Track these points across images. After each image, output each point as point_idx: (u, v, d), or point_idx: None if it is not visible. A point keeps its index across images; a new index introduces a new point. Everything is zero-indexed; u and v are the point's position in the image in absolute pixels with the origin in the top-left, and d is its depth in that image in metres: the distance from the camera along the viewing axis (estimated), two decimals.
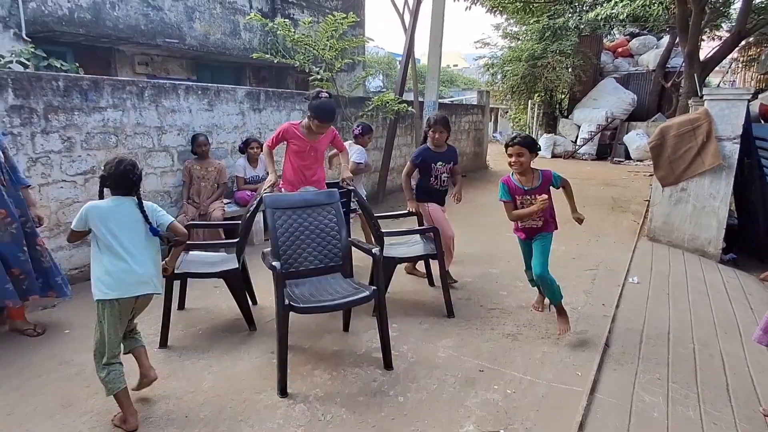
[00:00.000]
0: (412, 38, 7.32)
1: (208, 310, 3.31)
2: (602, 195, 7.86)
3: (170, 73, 9.53)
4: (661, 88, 13.70)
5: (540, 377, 2.49)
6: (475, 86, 21.58)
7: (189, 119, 4.46)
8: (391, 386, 2.39)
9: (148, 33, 8.33)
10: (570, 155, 13.64)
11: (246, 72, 11.09)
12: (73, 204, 3.67)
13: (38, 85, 3.39)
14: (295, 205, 2.80)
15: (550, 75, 13.18)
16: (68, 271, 3.65)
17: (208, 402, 2.25)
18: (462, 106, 11.33)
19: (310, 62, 5.85)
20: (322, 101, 3.28)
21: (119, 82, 3.96)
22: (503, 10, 13.37)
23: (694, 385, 2.46)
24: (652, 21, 12.17)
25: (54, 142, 3.51)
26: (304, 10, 11.27)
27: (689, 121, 4.84)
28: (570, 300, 3.52)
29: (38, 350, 2.71)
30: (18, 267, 2.66)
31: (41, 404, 2.21)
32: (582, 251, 4.75)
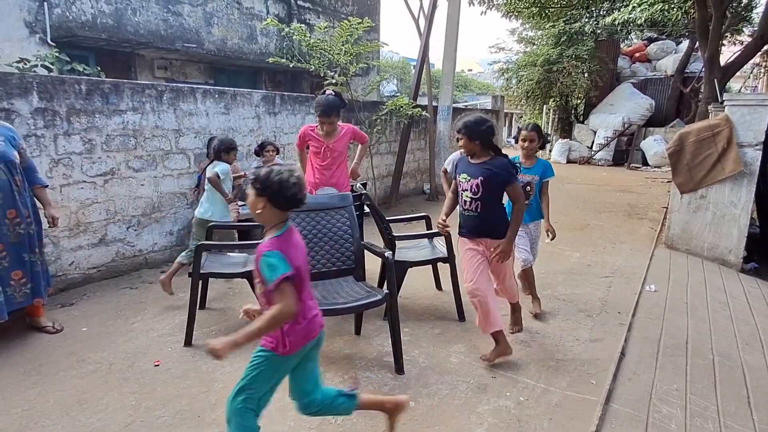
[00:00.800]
0: (427, 43, 7.33)
1: (222, 311, 3.34)
2: (618, 201, 7.74)
3: (188, 77, 9.71)
4: (680, 94, 13.48)
5: (553, 385, 2.45)
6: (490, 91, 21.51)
7: (206, 122, 4.53)
8: (403, 391, 2.37)
9: (167, 38, 8.50)
10: (585, 161, 13.47)
11: (262, 76, 11.23)
12: (92, 204, 3.75)
13: (61, 89, 3.49)
14: (309, 207, 2.82)
15: (565, 80, 13.05)
16: (86, 270, 3.73)
17: (220, 403, 2.26)
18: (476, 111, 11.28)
19: (325, 66, 5.90)
20: (322, 97, 3.37)
21: (139, 85, 4.04)
22: (519, 15, 13.34)
23: (714, 398, 2.40)
24: (670, 25, 11.99)
25: (75, 143, 3.60)
26: (320, 15, 11.38)
27: (709, 126, 4.74)
28: (585, 307, 3.48)
29: (56, 347, 2.77)
30: (21, 269, 2.71)
31: (58, 400, 2.25)
32: (597, 258, 4.68)
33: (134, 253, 4.09)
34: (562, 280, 4.05)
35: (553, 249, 4.93)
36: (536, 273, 4.18)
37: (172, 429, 2.07)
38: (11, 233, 2.66)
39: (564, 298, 3.65)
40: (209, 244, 3.19)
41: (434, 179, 7.84)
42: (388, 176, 7.25)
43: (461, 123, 2.61)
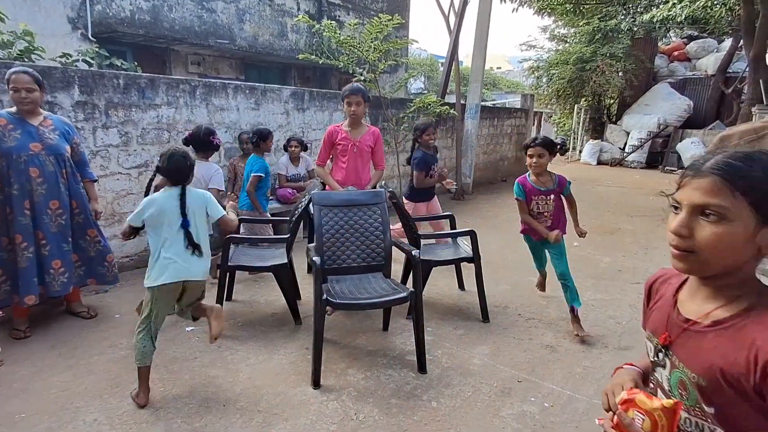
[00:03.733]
0: (457, 40, 7.25)
1: (247, 303, 3.40)
2: (652, 205, 7.47)
3: (220, 73, 9.92)
4: (721, 95, 12.89)
5: (580, 392, 2.39)
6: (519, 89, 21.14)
7: (236, 117, 4.61)
8: (425, 390, 2.36)
9: (201, 34, 8.70)
10: (617, 163, 13.08)
11: (291, 72, 11.37)
12: (127, 195, 3.88)
13: (101, 83, 3.61)
14: (341, 203, 2.85)
15: (599, 79, 12.67)
16: (120, 259, 3.86)
17: (244, 393, 2.31)
18: (505, 110, 11.11)
19: (353, 63, 5.91)
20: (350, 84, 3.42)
21: (173, 80, 4.15)
22: (552, 12, 13.02)
23: None
24: (712, 23, 11.46)
25: (113, 136, 3.73)
26: (350, 12, 11.42)
27: (754, 130, 4.52)
28: (614, 314, 3.38)
29: (90, 332, 2.88)
30: (60, 259, 2.81)
31: (91, 384, 2.34)
32: (628, 264, 4.54)
33: None
34: (591, 285, 3.94)
35: (583, 253, 4.81)
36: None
37: (198, 417, 2.12)
38: (53, 223, 2.77)
39: (593, 303, 3.55)
40: (238, 238, 3.25)
41: (460, 178, 7.76)
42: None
43: (425, 124, 3.14)
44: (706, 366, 0.80)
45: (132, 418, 2.09)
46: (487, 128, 9.23)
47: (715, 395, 0.79)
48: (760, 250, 0.77)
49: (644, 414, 0.83)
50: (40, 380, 2.35)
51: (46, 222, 2.74)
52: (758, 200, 0.75)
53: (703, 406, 0.82)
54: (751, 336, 0.75)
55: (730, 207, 0.75)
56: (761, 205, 0.75)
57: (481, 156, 8.90)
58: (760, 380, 0.71)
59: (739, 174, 0.75)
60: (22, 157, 2.63)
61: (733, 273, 0.80)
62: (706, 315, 0.83)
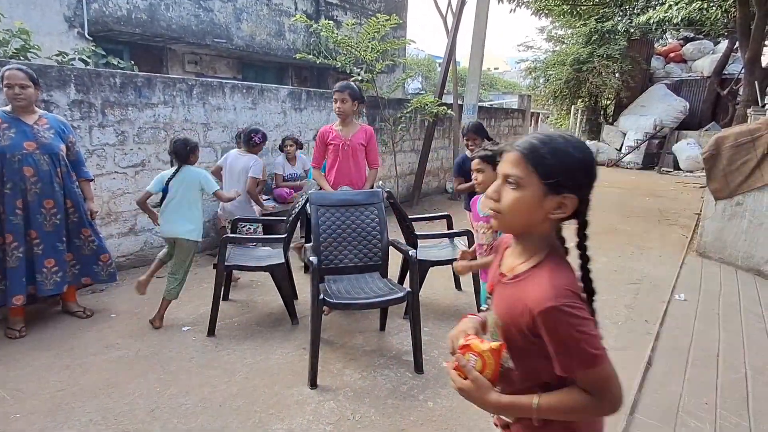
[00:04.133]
0: (454, 40, 7.26)
1: (244, 303, 3.40)
2: (648, 206, 7.51)
3: (217, 72, 9.89)
4: (716, 96, 12.96)
5: None
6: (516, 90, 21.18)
7: (233, 117, 4.60)
8: (421, 391, 2.37)
9: (198, 33, 8.67)
10: (614, 164, 13.13)
11: (288, 72, 11.34)
12: (123, 194, 3.86)
13: (97, 82, 3.60)
14: (339, 203, 2.86)
15: (595, 80, 12.72)
16: (116, 258, 3.84)
17: (241, 393, 2.30)
18: (502, 110, 11.13)
19: (351, 63, 5.91)
20: None
21: (170, 79, 4.14)
22: (549, 13, 13.06)
23: (746, 413, 2.30)
24: (708, 25, 11.52)
25: (109, 135, 3.71)
26: (348, 11, 11.41)
27: (749, 131, 4.54)
28: (609, 314, 3.39)
29: (86, 332, 2.87)
30: (53, 258, 2.80)
31: (87, 384, 2.33)
32: (624, 264, 4.56)
33: (162, 243, 4.18)
34: None
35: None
36: None
37: (195, 417, 2.11)
38: (47, 223, 2.76)
39: None
40: (234, 238, 3.25)
41: None
42: (411, 174, 7.23)
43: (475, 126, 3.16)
44: (503, 309, 0.98)
45: (128, 418, 2.09)
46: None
47: (509, 335, 0.97)
48: (547, 214, 0.95)
49: (477, 356, 0.97)
50: (35, 380, 2.34)
51: (40, 221, 2.73)
52: (544, 173, 0.92)
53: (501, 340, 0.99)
54: (528, 287, 0.92)
55: (524, 177, 0.93)
56: (546, 177, 0.92)
57: None
58: (533, 325, 0.90)
59: (533, 151, 0.92)
60: (16, 156, 2.62)
61: (531, 233, 0.98)
62: (512, 269, 1.00)
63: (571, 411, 0.93)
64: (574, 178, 0.94)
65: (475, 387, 0.95)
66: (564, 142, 0.94)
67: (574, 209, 0.96)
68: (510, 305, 0.96)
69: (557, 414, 0.94)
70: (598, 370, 0.90)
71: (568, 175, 0.93)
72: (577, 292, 0.93)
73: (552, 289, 0.89)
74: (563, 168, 0.92)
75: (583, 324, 0.88)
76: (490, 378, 0.97)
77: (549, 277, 0.92)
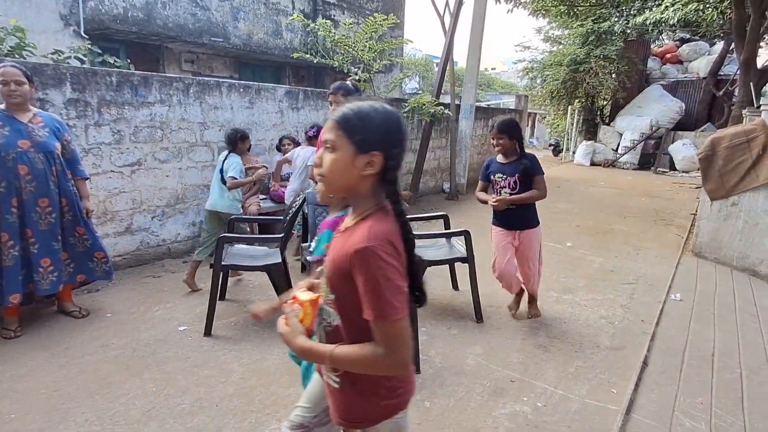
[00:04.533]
0: (452, 40, 7.27)
1: (241, 303, 3.39)
2: (644, 207, 7.54)
3: (214, 71, 9.86)
4: (712, 97, 13.02)
5: (572, 392, 2.41)
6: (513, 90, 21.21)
7: (230, 116, 4.59)
8: (418, 390, 2.34)
9: (195, 32, 8.64)
10: (610, 164, 13.17)
11: (286, 71, 11.32)
12: (119, 194, 3.84)
13: (93, 80, 3.58)
14: None
15: (592, 80, 12.75)
16: (112, 258, 3.82)
17: (237, 393, 2.30)
18: (499, 110, 11.15)
19: (348, 63, 5.90)
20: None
21: (167, 78, 4.12)
22: (546, 14, 13.08)
23: (741, 413, 2.32)
24: (704, 26, 11.56)
25: (105, 134, 3.69)
26: (345, 11, 11.40)
27: (744, 132, 4.57)
28: (606, 313, 3.40)
29: (82, 332, 2.85)
30: (49, 257, 2.79)
31: (83, 384, 2.32)
32: (620, 264, 4.58)
33: (158, 242, 4.18)
34: (584, 285, 3.97)
35: (576, 254, 4.85)
36: (557, 277, 4.13)
37: (191, 417, 2.11)
38: (42, 221, 2.74)
39: (585, 303, 3.58)
40: (231, 237, 3.24)
41: (454, 178, 7.78)
42: (408, 174, 7.23)
43: (504, 124, 2.93)
44: (331, 261, 1.05)
45: (124, 418, 2.08)
46: (482, 128, 9.26)
47: (335, 284, 1.05)
48: (360, 173, 1.03)
49: (300, 305, 1.10)
50: (31, 380, 2.33)
51: (35, 220, 2.71)
52: (351, 133, 1.02)
53: (329, 294, 1.08)
54: (352, 235, 1.01)
55: (336, 140, 1.03)
56: (352, 137, 1.02)
57: (475, 156, 8.93)
58: (350, 267, 0.98)
59: (344, 117, 1.03)
60: (10, 154, 2.60)
61: (355, 192, 1.06)
62: (345, 226, 1.09)
63: (361, 362, 1.00)
64: (377, 136, 1.03)
65: (288, 332, 1.08)
66: (369, 107, 1.05)
67: (382, 166, 1.03)
68: (336, 255, 1.03)
69: (348, 363, 1.02)
70: (393, 322, 0.96)
71: (371, 134, 1.02)
72: (393, 241, 1.00)
73: (369, 233, 0.98)
74: (366, 128, 1.02)
75: (390, 271, 0.96)
76: (308, 326, 1.08)
77: (370, 225, 1.00)
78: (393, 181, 1.06)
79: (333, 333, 1.09)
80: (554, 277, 4.13)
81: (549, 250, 4.93)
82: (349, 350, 1.01)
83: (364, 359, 1.00)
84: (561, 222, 6.22)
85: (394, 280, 0.96)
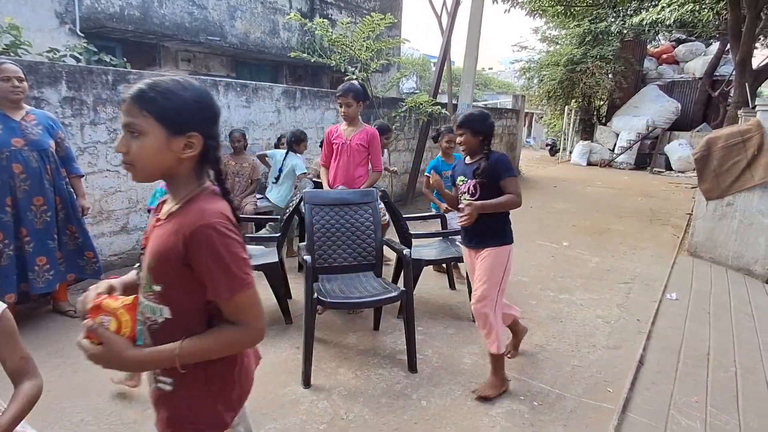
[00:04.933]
0: (449, 40, 7.27)
1: None
2: (640, 206, 7.57)
3: (211, 70, 9.82)
4: (708, 97, 13.09)
5: (569, 391, 2.41)
6: (510, 90, 21.24)
7: (227, 115, 4.57)
8: (415, 390, 2.37)
9: (191, 30, 8.60)
10: (606, 164, 13.22)
11: (283, 70, 11.29)
12: (115, 193, 3.83)
13: (89, 79, 3.56)
14: (333, 202, 2.85)
15: (589, 80, 12.79)
16: (108, 257, 3.82)
17: None
18: (496, 110, 11.16)
19: (346, 62, 5.90)
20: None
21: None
22: (543, 14, 13.10)
23: (736, 412, 2.33)
24: (700, 27, 11.62)
25: (101, 133, 3.68)
26: (342, 10, 11.38)
27: (739, 132, 4.60)
28: (602, 313, 3.42)
29: (78, 331, 2.81)
30: (45, 255, 2.77)
31: (78, 383, 2.31)
32: (617, 264, 4.59)
33: None
34: (580, 284, 3.99)
35: (572, 253, 4.86)
36: (553, 277, 4.14)
37: None
38: (37, 220, 2.73)
39: (581, 303, 3.59)
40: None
41: None
42: (405, 173, 7.23)
43: (463, 117, 2.29)
44: (155, 249, 0.96)
45: (119, 418, 2.07)
46: None
47: (161, 273, 0.95)
48: (178, 155, 0.95)
49: (110, 315, 0.92)
50: None
51: (30, 218, 2.70)
52: (160, 115, 0.92)
53: (153, 287, 0.97)
54: (182, 218, 0.94)
55: (143, 124, 0.92)
56: (163, 119, 0.92)
57: None
58: (185, 250, 0.91)
59: (143, 95, 0.91)
60: (4, 152, 2.58)
61: (174, 176, 0.98)
62: (167, 211, 1.00)
63: (218, 346, 0.95)
64: (191, 115, 0.94)
65: (107, 350, 0.91)
66: (173, 83, 0.94)
67: (203, 147, 0.97)
68: (163, 241, 0.94)
69: (203, 353, 0.94)
70: (247, 294, 0.93)
71: (184, 113, 0.93)
72: (230, 217, 0.96)
73: (203, 212, 0.93)
74: (177, 107, 0.93)
75: (233, 245, 0.92)
76: (129, 335, 0.93)
77: (201, 205, 0.95)
78: (217, 161, 1.00)
79: (161, 330, 0.97)
80: (551, 277, 4.14)
81: (546, 249, 4.95)
82: (202, 339, 0.94)
83: (223, 341, 0.94)
84: (557, 222, 6.24)
85: (239, 253, 0.93)
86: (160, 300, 0.96)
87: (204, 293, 0.94)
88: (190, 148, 0.95)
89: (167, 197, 1.05)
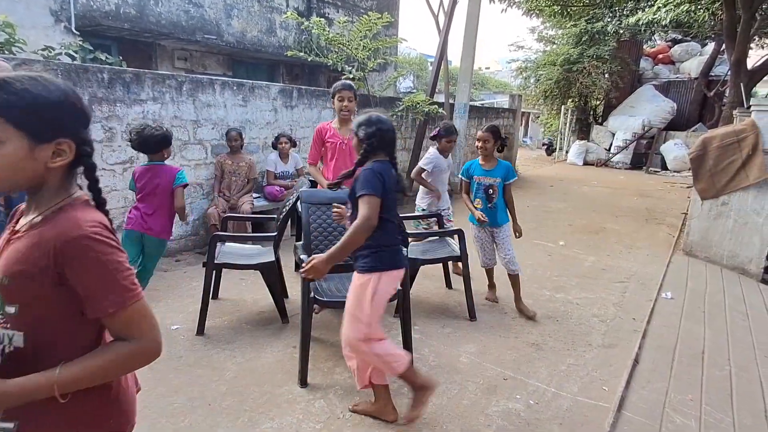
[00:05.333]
0: (446, 39, 7.28)
1: (234, 302, 3.37)
2: (636, 206, 7.60)
3: (207, 69, 9.78)
4: (703, 97, 13.16)
5: (564, 390, 2.42)
6: (507, 90, 21.28)
7: (223, 114, 4.56)
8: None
9: (188, 29, 8.57)
10: (603, 163, 13.27)
11: (280, 69, 11.27)
12: (111, 192, 3.81)
13: (85, 77, 3.54)
14: (330, 201, 2.84)
15: (585, 80, 12.83)
16: None
17: (230, 392, 2.29)
18: (493, 110, 11.18)
19: (342, 61, 5.89)
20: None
21: (159, 75, 4.09)
22: (540, 14, 13.12)
23: (730, 410, 2.35)
24: (696, 27, 11.68)
25: (97, 132, 3.66)
26: (340, 9, 11.36)
27: (734, 132, 4.62)
28: (598, 312, 3.43)
29: None
30: None
31: None
32: (612, 263, 4.61)
33: None
34: (576, 283, 4.00)
35: (568, 252, 4.88)
36: (549, 276, 4.15)
37: (184, 416, 2.09)
38: None
39: (577, 302, 3.60)
40: (224, 236, 3.23)
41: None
42: (402, 173, 7.23)
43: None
44: (11, 264, 0.84)
45: None
46: (476, 128, 9.27)
47: (18, 292, 0.83)
48: (47, 164, 0.84)
49: None
50: None
51: None
52: (19, 122, 0.80)
53: (6, 309, 0.85)
54: (49, 229, 0.83)
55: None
56: (24, 127, 0.80)
57: (469, 155, 8.94)
58: (55, 265, 0.81)
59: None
60: None
61: (39, 187, 0.87)
62: (27, 223, 0.88)
63: (108, 366, 0.84)
64: (57, 120, 0.84)
65: None
66: (30, 81, 0.81)
67: (76, 153, 0.87)
68: (24, 255, 0.83)
69: (89, 378, 0.83)
70: (137, 306, 0.84)
71: (48, 117, 0.83)
72: (108, 226, 0.88)
73: (79, 221, 0.83)
74: (39, 111, 0.81)
75: (117, 255, 0.84)
76: None
77: (74, 214, 0.85)
78: (92, 168, 0.90)
79: (16, 358, 0.84)
80: (547, 276, 4.16)
81: (542, 248, 4.96)
82: (87, 360, 0.83)
83: (114, 360, 0.84)
84: (554, 221, 6.25)
85: (123, 263, 0.85)
86: (14, 322, 0.84)
87: (73, 312, 0.84)
88: (60, 156, 0.85)
89: (24, 206, 0.93)
